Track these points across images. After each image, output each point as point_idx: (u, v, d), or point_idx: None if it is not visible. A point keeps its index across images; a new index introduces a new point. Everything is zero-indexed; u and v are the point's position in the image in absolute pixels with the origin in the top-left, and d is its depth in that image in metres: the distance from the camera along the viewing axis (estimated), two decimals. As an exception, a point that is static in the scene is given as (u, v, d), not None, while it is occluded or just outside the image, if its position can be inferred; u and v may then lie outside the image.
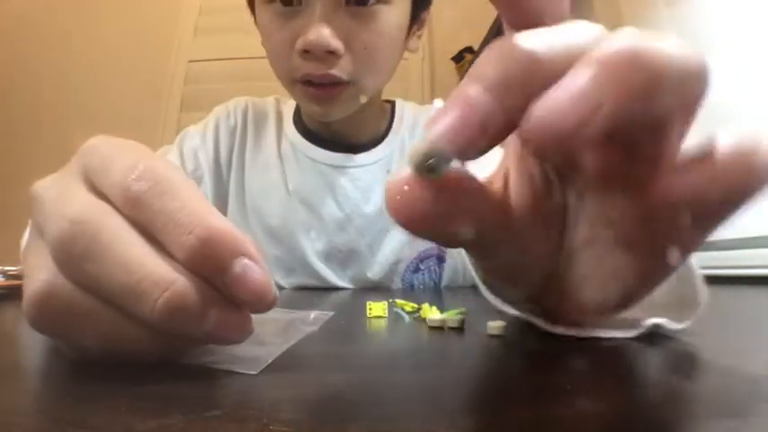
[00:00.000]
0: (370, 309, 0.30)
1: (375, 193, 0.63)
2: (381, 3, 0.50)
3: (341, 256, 0.62)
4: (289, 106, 0.68)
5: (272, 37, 0.52)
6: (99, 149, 0.19)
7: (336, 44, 0.48)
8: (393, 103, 0.70)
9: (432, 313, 0.28)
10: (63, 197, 0.17)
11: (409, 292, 0.58)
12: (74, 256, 0.16)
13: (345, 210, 0.62)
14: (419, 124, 0.67)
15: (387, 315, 0.30)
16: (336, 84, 0.51)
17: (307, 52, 0.48)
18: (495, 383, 0.17)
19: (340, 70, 0.50)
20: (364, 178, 0.63)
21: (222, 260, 0.16)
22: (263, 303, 0.17)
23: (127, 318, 0.16)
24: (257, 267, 0.16)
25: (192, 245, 0.16)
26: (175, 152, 0.63)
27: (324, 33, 0.47)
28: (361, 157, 0.64)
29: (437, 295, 0.53)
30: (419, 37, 0.61)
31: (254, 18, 0.57)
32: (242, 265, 0.16)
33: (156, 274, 0.16)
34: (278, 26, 0.51)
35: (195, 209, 0.16)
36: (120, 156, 0.18)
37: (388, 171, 0.64)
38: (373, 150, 0.64)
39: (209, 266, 0.16)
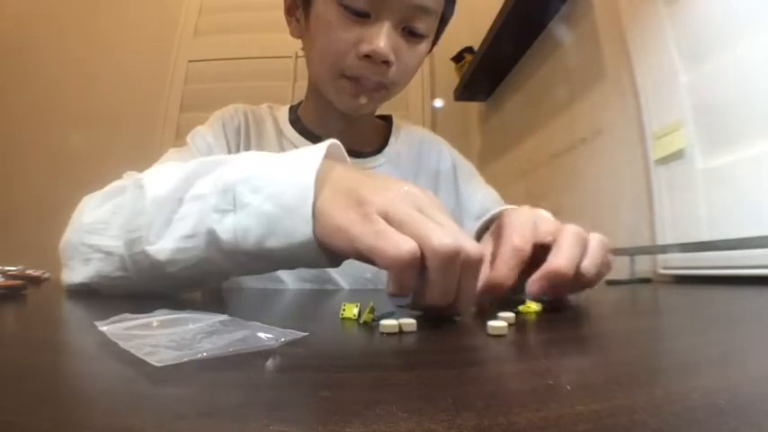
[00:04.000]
0: (344, 309, 0.29)
1: None
2: (423, 36, 0.60)
3: None
4: (282, 112, 0.73)
5: (335, 34, 0.58)
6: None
7: (392, 58, 0.58)
8: (389, 119, 0.78)
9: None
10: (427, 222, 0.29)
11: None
12: (455, 263, 0.28)
13: None
14: (414, 140, 0.76)
15: (355, 317, 0.29)
16: (378, 86, 0.60)
17: (368, 57, 0.56)
18: (496, 383, 0.17)
19: (386, 77, 0.60)
20: None
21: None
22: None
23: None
24: None
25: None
26: (192, 150, 0.65)
27: (388, 46, 0.56)
28: (360, 161, 0.69)
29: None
30: None
31: (301, 6, 0.61)
32: None
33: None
34: (344, 26, 0.57)
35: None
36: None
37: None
38: (371, 157, 0.71)
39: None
